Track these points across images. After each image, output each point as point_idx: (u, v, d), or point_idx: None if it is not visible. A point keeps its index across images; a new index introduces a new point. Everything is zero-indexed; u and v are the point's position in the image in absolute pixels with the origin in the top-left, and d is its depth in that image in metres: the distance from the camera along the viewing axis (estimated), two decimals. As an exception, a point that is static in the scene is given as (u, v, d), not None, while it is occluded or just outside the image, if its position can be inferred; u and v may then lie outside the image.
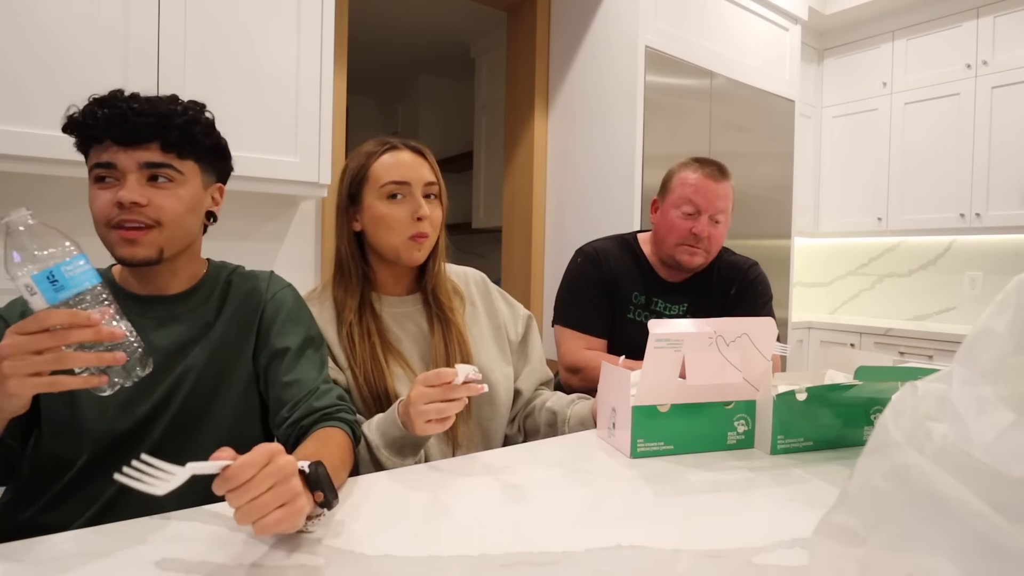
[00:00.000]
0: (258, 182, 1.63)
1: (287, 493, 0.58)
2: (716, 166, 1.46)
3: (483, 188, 3.67)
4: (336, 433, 0.84)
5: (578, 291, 1.52)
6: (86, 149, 0.83)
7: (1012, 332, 0.40)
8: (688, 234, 1.43)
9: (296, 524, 0.60)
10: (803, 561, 0.61)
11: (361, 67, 3.65)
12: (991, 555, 0.35)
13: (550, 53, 2.66)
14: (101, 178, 0.81)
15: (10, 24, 1.31)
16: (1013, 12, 2.80)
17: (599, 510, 0.75)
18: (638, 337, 1.47)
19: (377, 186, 1.04)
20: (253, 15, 1.62)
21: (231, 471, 0.55)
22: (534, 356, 1.23)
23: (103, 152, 0.80)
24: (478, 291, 1.21)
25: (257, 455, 0.57)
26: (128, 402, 0.84)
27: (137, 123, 0.79)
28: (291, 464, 0.59)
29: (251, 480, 0.56)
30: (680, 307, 1.52)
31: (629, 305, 1.51)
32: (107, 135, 0.79)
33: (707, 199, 1.42)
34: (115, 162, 0.80)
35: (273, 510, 0.57)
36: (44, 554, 0.60)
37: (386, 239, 1.05)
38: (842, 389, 0.97)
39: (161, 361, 0.85)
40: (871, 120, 3.30)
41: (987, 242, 3.05)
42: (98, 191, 0.81)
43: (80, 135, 0.81)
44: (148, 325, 0.86)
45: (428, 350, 1.10)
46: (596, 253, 1.54)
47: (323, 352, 0.97)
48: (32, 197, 1.56)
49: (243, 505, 0.56)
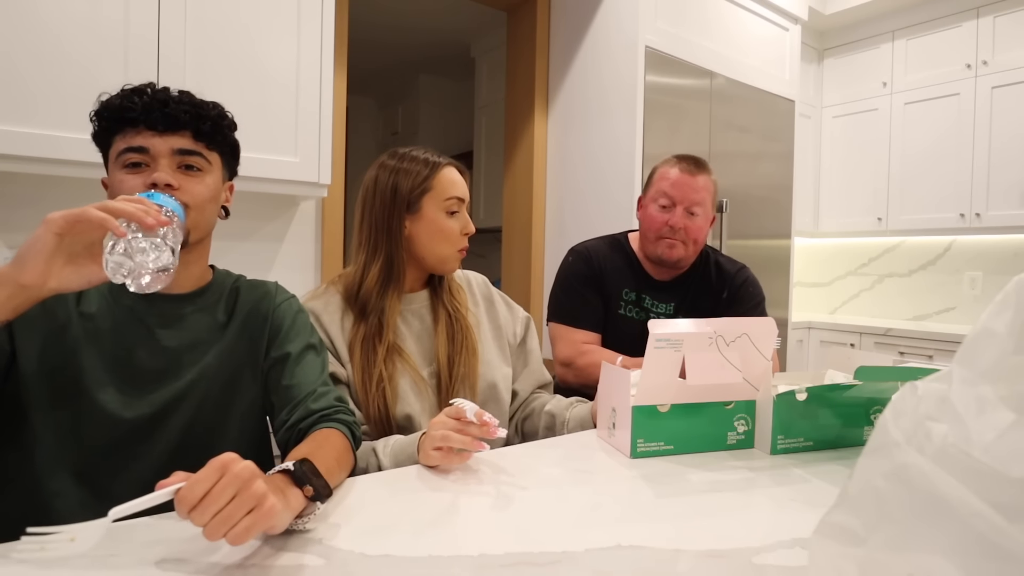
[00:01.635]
0: (258, 182, 1.63)
1: (251, 498, 0.56)
2: (694, 160, 1.49)
3: (483, 188, 3.67)
4: (332, 434, 0.83)
5: (571, 288, 1.55)
6: (110, 137, 0.83)
7: (1012, 332, 0.40)
8: (664, 226, 1.46)
9: (275, 525, 0.59)
10: (803, 561, 0.61)
11: (361, 67, 3.65)
12: (991, 555, 0.35)
13: (550, 53, 2.66)
14: (133, 163, 0.82)
15: (11, 24, 1.32)
16: (1013, 12, 2.80)
17: (599, 510, 0.75)
18: (630, 332, 1.51)
19: (441, 198, 1.09)
20: (253, 15, 1.62)
21: (183, 492, 0.55)
22: (532, 358, 1.25)
23: (135, 137, 0.82)
24: (480, 293, 1.23)
25: (208, 470, 0.56)
26: (138, 404, 0.83)
27: (176, 110, 0.83)
28: (248, 469, 0.58)
29: (208, 495, 0.55)
30: (668, 306, 1.54)
31: (620, 301, 1.53)
32: (144, 120, 0.81)
33: (682, 191, 1.45)
34: (149, 147, 0.82)
35: (241, 519, 0.56)
36: (43, 554, 0.60)
37: (439, 249, 1.10)
38: (842, 389, 0.97)
39: (169, 364, 0.85)
40: (871, 120, 3.30)
41: (987, 242, 3.05)
42: (126, 175, 0.82)
43: (115, 119, 0.82)
44: (154, 322, 0.86)
45: (431, 346, 1.11)
46: (587, 252, 1.57)
47: (324, 357, 0.97)
48: (33, 197, 1.56)
49: (208, 522, 0.55)
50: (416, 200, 1.09)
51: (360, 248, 1.11)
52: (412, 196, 1.08)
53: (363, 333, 1.05)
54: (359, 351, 1.04)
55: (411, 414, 1.05)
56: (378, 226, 1.09)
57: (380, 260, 1.08)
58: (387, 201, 1.09)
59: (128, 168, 0.82)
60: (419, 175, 1.09)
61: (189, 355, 0.87)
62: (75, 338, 0.82)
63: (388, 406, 1.03)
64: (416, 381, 1.07)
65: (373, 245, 1.09)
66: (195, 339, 0.88)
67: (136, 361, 0.84)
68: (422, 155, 1.11)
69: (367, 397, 1.02)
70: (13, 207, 1.55)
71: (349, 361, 1.05)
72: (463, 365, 1.10)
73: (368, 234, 1.10)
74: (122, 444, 0.82)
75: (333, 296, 1.10)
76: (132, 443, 0.83)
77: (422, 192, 1.09)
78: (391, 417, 1.03)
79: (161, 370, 0.85)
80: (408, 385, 1.06)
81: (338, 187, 2.04)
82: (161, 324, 0.86)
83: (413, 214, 1.09)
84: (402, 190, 1.08)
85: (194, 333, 0.88)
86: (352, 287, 1.09)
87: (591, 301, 1.52)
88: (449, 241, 1.10)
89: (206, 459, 0.58)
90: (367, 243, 1.10)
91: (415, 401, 1.06)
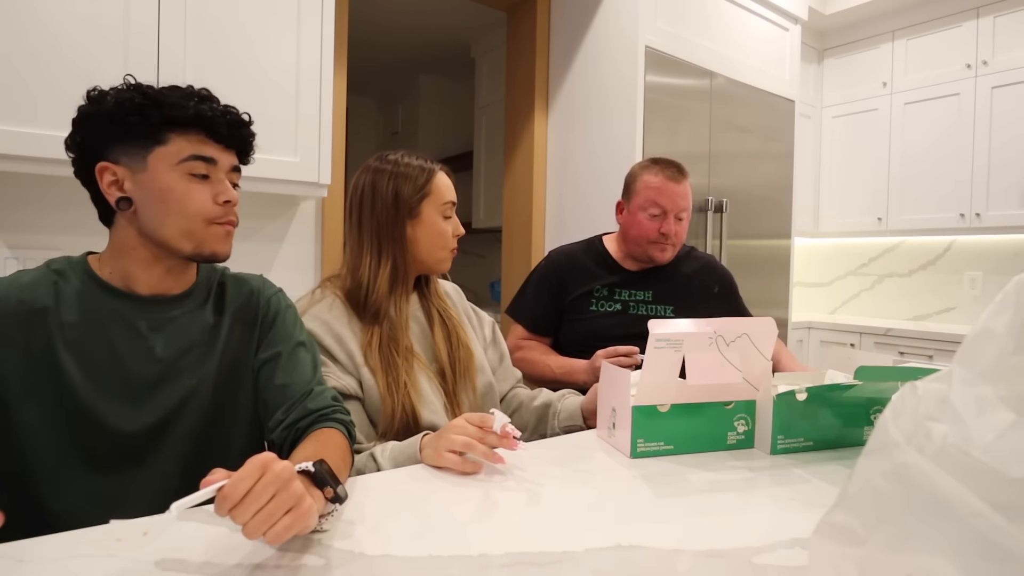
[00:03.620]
0: (258, 182, 1.63)
1: (291, 498, 0.58)
2: (676, 168, 1.57)
3: (483, 188, 3.66)
4: (334, 434, 0.83)
5: (528, 286, 1.67)
6: (161, 132, 0.79)
7: (1012, 332, 0.40)
8: (657, 234, 1.55)
9: (308, 525, 0.60)
10: (803, 561, 0.61)
11: (361, 67, 3.65)
12: (991, 555, 0.35)
13: (550, 53, 2.66)
14: (200, 173, 0.81)
15: (11, 24, 1.31)
16: (1013, 12, 2.80)
17: (599, 510, 0.75)
18: (609, 323, 1.58)
19: (439, 203, 1.13)
20: (253, 15, 1.62)
21: (226, 490, 0.55)
22: (504, 358, 1.31)
23: (204, 145, 0.81)
24: (457, 299, 1.29)
25: (250, 468, 0.56)
26: (136, 415, 0.81)
27: (246, 134, 0.86)
28: (288, 469, 0.59)
29: (250, 493, 0.55)
30: (646, 293, 1.62)
31: (591, 298, 1.60)
32: (209, 128, 0.81)
33: (672, 200, 1.54)
34: (217, 160, 0.82)
35: (280, 518, 0.57)
36: (44, 554, 0.60)
37: (435, 251, 1.14)
38: (842, 389, 0.97)
39: (165, 370, 0.83)
40: (871, 120, 3.30)
41: (987, 242, 3.05)
42: (195, 186, 0.81)
43: (181, 120, 0.80)
44: (142, 327, 0.82)
45: (430, 346, 1.14)
46: (557, 255, 1.68)
47: (315, 353, 0.96)
48: (33, 197, 1.57)
49: (249, 520, 0.56)
50: (416, 205, 1.11)
51: (362, 253, 1.11)
52: (413, 201, 1.11)
53: (379, 338, 1.06)
54: (378, 356, 1.05)
55: (435, 415, 1.06)
56: (382, 231, 1.10)
57: (388, 264, 1.10)
58: (389, 206, 1.10)
59: (194, 178, 0.81)
60: (418, 180, 1.11)
61: (186, 359, 0.85)
62: (57, 348, 0.77)
63: (416, 409, 1.04)
64: (432, 379, 1.10)
65: (378, 250, 1.10)
66: (190, 342, 0.85)
67: (131, 369, 0.81)
68: (415, 160, 1.13)
69: (394, 401, 1.03)
70: (13, 207, 1.55)
71: (365, 365, 1.04)
72: (462, 363, 1.14)
73: (372, 239, 1.10)
74: (128, 454, 0.81)
75: (335, 300, 1.10)
76: (138, 452, 0.81)
77: (422, 197, 1.11)
78: (418, 419, 1.04)
79: (158, 377, 0.82)
80: (426, 385, 1.08)
81: (338, 187, 2.04)
82: (152, 329, 0.83)
83: (414, 219, 1.11)
84: (403, 195, 1.10)
85: (188, 336, 0.86)
86: (357, 291, 1.10)
87: (541, 303, 1.62)
88: (445, 243, 1.14)
89: (220, 463, 0.58)
90: (371, 248, 1.10)
91: (435, 399, 1.08)
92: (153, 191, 0.80)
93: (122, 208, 0.80)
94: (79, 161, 0.82)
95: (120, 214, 0.81)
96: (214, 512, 0.55)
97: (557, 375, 1.50)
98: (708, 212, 2.48)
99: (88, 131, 0.80)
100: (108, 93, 0.80)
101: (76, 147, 0.82)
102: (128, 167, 0.80)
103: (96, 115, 0.80)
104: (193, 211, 0.81)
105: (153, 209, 0.80)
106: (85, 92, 0.82)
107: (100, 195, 0.82)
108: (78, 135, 0.81)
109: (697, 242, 2.44)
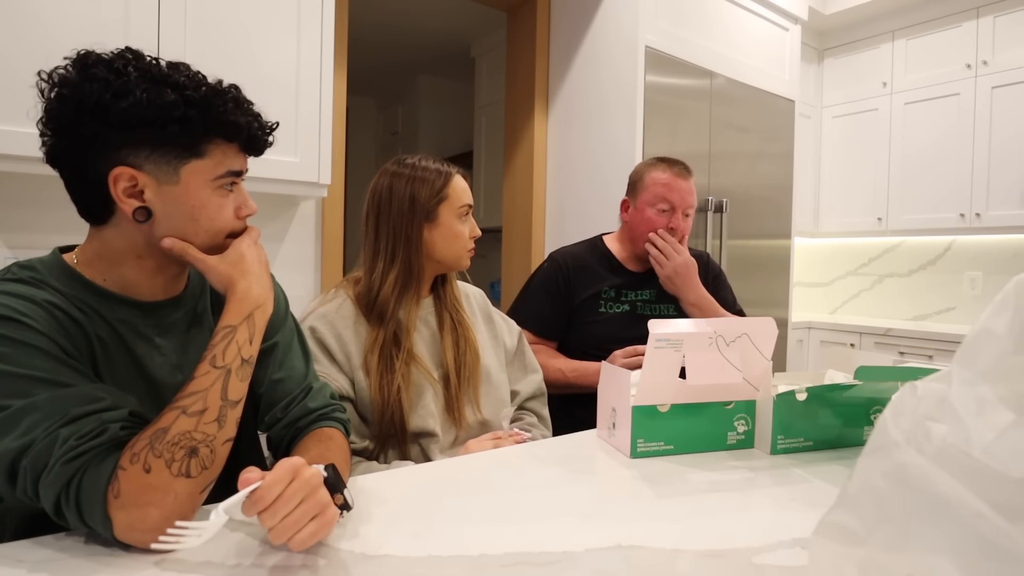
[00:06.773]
0: (258, 182, 1.63)
1: (317, 505, 0.59)
2: (682, 165, 1.59)
3: (483, 188, 3.66)
4: (335, 434, 0.83)
5: (533, 290, 1.64)
6: (200, 143, 0.71)
7: (1011, 332, 0.40)
8: (665, 230, 1.57)
9: (328, 534, 0.61)
10: (803, 561, 0.61)
11: (361, 67, 3.65)
12: (991, 555, 0.35)
13: (550, 53, 2.66)
14: (229, 186, 0.76)
15: (11, 24, 1.31)
16: (1013, 12, 2.80)
17: (599, 510, 0.75)
18: (618, 324, 1.58)
19: (456, 206, 1.14)
20: (253, 15, 1.62)
21: (259, 492, 0.56)
22: (531, 365, 1.32)
23: (237, 159, 0.76)
24: (478, 304, 1.29)
25: (282, 471, 0.57)
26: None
27: (270, 141, 0.81)
28: (316, 476, 0.60)
29: (280, 498, 0.56)
30: (650, 292, 1.62)
31: (599, 300, 1.59)
32: (243, 139, 0.76)
33: (680, 196, 1.56)
34: (243, 171, 0.78)
35: (306, 524, 0.57)
36: (45, 554, 0.60)
37: (453, 252, 1.15)
38: (842, 389, 0.97)
39: (181, 374, 0.78)
40: (871, 120, 3.30)
41: (987, 242, 3.05)
42: (224, 200, 0.75)
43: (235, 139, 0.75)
44: (151, 333, 0.77)
45: (438, 350, 1.14)
46: (563, 258, 1.65)
47: (305, 344, 0.93)
48: (33, 197, 1.57)
49: (276, 524, 0.56)
50: (433, 208, 1.12)
51: (376, 256, 1.11)
52: (430, 205, 1.11)
53: (381, 340, 1.07)
54: (377, 358, 1.05)
55: (425, 422, 1.06)
56: (396, 234, 1.11)
57: (398, 267, 1.10)
58: (405, 210, 1.11)
59: (223, 190, 0.75)
60: (435, 184, 1.12)
61: (195, 359, 0.78)
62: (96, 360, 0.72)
63: (404, 414, 1.04)
64: (431, 384, 1.10)
65: (391, 253, 1.11)
66: (195, 342, 0.82)
67: (153, 376, 0.77)
68: (432, 164, 1.14)
69: (383, 403, 1.03)
70: (13, 207, 1.55)
71: (361, 367, 1.05)
72: (468, 368, 1.14)
73: (386, 242, 1.11)
74: None
75: (345, 301, 1.11)
76: None
77: (439, 201, 1.12)
78: (405, 424, 1.05)
79: (177, 382, 0.75)
80: (422, 389, 1.08)
81: (338, 187, 2.04)
82: (160, 334, 0.78)
83: (431, 222, 1.12)
84: (420, 199, 1.11)
85: (192, 336, 0.82)
86: (368, 293, 1.10)
87: (548, 305, 1.60)
88: (463, 245, 1.16)
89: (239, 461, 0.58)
90: (385, 251, 1.11)
91: (431, 405, 1.08)
92: (184, 207, 0.72)
93: (139, 219, 0.70)
94: (70, 150, 0.68)
95: (123, 218, 0.72)
96: (241, 511, 0.56)
97: (569, 379, 1.48)
98: (708, 212, 2.48)
99: (100, 124, 0.66)
100: (131, 79, 0.66)
101: (68, 133, 0.67)
102: (155, 177, 0.69)
103: (119, 111, 0.65)
104: (219, 227, 0.76)
105: (176, 222, 0.72)
106: (78, 56, 0.68)
107: (92, 190, 0.70)
108: (81, 123, 0.66)
109: (697, 242, 2.44)
